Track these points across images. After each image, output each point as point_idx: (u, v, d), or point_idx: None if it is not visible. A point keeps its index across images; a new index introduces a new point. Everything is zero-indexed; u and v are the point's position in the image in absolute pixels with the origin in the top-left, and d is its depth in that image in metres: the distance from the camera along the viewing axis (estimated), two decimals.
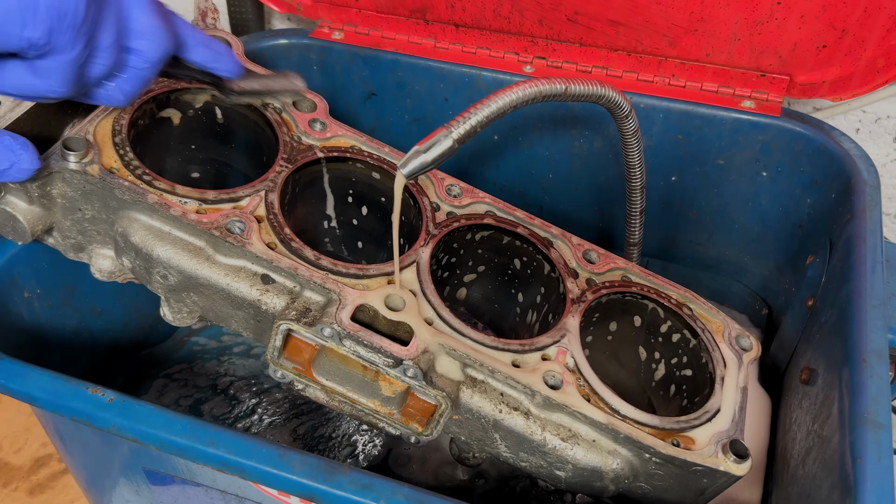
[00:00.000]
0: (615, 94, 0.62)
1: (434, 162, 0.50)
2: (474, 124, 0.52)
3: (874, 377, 0.58)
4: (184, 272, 0.62)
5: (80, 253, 0.69)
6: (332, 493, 0.51)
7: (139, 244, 0.63)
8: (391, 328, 0.60)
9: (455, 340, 0.60)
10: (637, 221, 0.76)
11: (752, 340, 0.69)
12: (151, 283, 0.65)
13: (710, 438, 0.61)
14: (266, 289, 0.62)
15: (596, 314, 0.72)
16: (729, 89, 0.87)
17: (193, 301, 0.65)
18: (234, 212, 0.63)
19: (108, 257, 0.68)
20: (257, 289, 0.61)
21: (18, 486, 1.13)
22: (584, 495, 0.74)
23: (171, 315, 0.67)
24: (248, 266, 0.62)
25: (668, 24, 0.83)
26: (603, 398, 0.61)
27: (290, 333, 0.60)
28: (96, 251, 0.68)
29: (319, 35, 0.98)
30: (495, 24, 0.91)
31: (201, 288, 0.63)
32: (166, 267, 0.62)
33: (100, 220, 0.65)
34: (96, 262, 0.68)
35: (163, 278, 0.64)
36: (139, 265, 0.64)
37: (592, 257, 0.73)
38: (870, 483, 0.51)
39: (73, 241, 0.67)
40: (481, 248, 0.77)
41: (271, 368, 0.61)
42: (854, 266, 0.68)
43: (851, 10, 0.76)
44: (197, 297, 0.64)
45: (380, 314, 0.59)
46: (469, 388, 0.60)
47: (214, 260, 0.62)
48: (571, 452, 0.60)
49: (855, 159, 0.80)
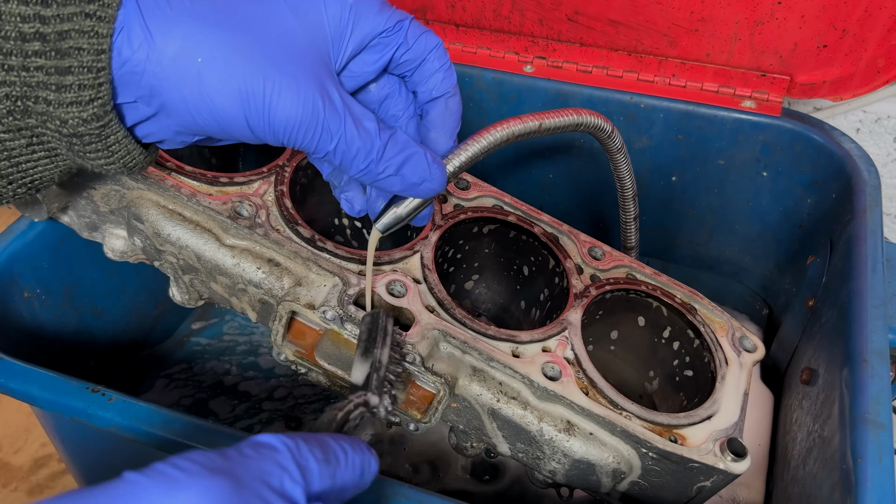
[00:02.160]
0: (594, 119, 0.61)
1: (408, 216, 0.51)
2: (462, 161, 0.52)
3: (875, 377, 0.58)
4: (192, 252, 0.63)
5: (94, 232, 0.70)
6: None
7: (149, 223, 0.63)
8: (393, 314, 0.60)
9: (455, 328, 0.61)
10: (632, 227, 0.77)
11: (756, 342, 0.69)
12: (161, 262, 0.67)
13: (709, 436, 0.61)
14: (271, 271, 0.62)
15: (599, 310, 0.72)
16: (729, 89, 0.87)
17: (201, 281, 0.66)
18: (244, 195, 0.65)
19: (120, 237, 0.68)
20: (263, 271, 0.62)
21: (18, 487, 1.13)
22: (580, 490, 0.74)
23: (180, 296, 0.68)
24: (255, 248, 0.63)
25: (668, 23, 0.83)
26: (602, 391, 0.61)
27: (293, 317, 0.60)
28: (109, 231, 0.69)
29: None
30: (495, 24, 0.91)
31: (209, 268, 0.64)
32: (175, 246, 0.63)
33: (112, 197, 0.66)
34: (109, 242, 0.69)
35: (172, 258, 0.65)
36: (149, 245, 0.65)
37: (598, 254, 0.73)
38: (870, 483, 0.51)
39: (87, 220, 0.69)
40: (487, 242, 0.77)
41: (274, 351, 0.62)
42: (855, 266, 0.68)
43: (852, 9, 0.76)
44: (205, 276, 0.65)
45: (382, 300, 0.60)
46: (468, 377, 0.60)
47: (222, 241, 0.63)
48: (568, 444, 0.60)
49: (855, 159, 0.80)
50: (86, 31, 0.39)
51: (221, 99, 0.42)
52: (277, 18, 0.44)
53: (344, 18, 0.46)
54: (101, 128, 0.42)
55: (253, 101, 0.42)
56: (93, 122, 0.42)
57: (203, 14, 0.42)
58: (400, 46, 0.48)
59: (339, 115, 0.44)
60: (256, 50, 0.42)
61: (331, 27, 0.45)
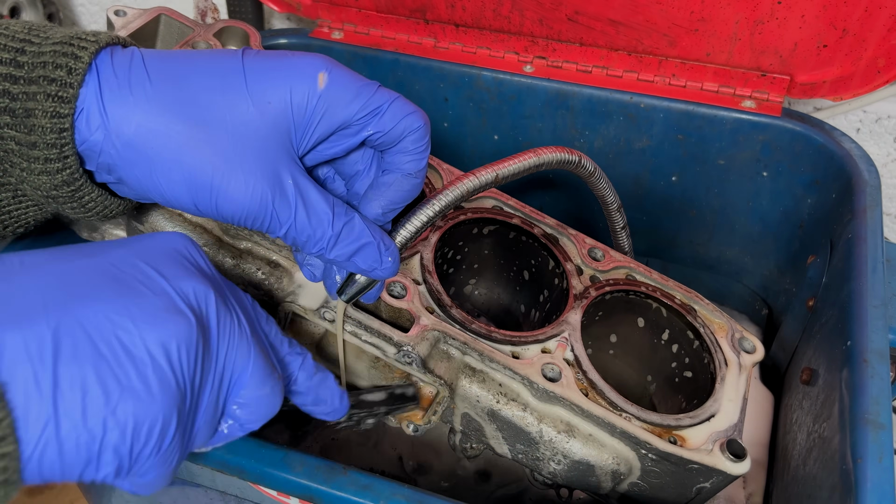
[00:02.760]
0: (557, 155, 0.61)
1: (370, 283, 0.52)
2: (407, 236, 0.53)
3: (875, 377, 0.58)
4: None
5: (94, 233, 0.70)
6: (332, 493, 0.51)
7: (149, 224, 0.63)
8: (393, 314, 0.60)
9: (455, 329, 0.61)
10: (622, 234, 0.77)
11: (756, 343, 0.69)
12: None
13: (708, 437, 0.60)
14: (271, 272, 0.62)
15: (599, 311, 0.72)
16: (729, 89, 0.87)
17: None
18: None
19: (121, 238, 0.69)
20: (263, 272, 0.62)
21: None
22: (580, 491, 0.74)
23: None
24: (255, 249, 0.63)
25: (668, 23, 0.83)
26: (601, 392, 0.61)
27: (293, 317, 0.60)
28: (110, 231, 0.69)
29: (319, 35, 0.98)
30: (495, 24, 0.91)
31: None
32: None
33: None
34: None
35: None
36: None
37: (598, 255, 0.73)
38: (870, 483, 0.51)
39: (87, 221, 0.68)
40: (487, 243, 0.77)
41: None
42: (855, 266, 0.68)
43: (852, 9, 0.76)
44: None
45: (382, 300, 0.60)
46: (467, 378, 0.60)
47: (223, 242, 0.63)
48: (568, 446, 0.60)
49: (856, 159, 0.80)
50: (48, 111, 0.41)
51: (170, 185, 0.43)
52: (237, 108, 0.44)
53: (311, 107, 0.45)
54: (73, 192, 0.45)
55: (200, 192, 0.43)
56: (64, 188, 0.44)
57: (161, 101, 0.43)
58: (375, 132, 0.47)
59: (290, 204, 0.45)
60: (209, 141, 0.43)
61: (296, 116, 0.45)
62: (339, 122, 0.46)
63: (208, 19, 1.18)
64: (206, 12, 1.18)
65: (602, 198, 0.72)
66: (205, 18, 1.18)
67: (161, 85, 0.43)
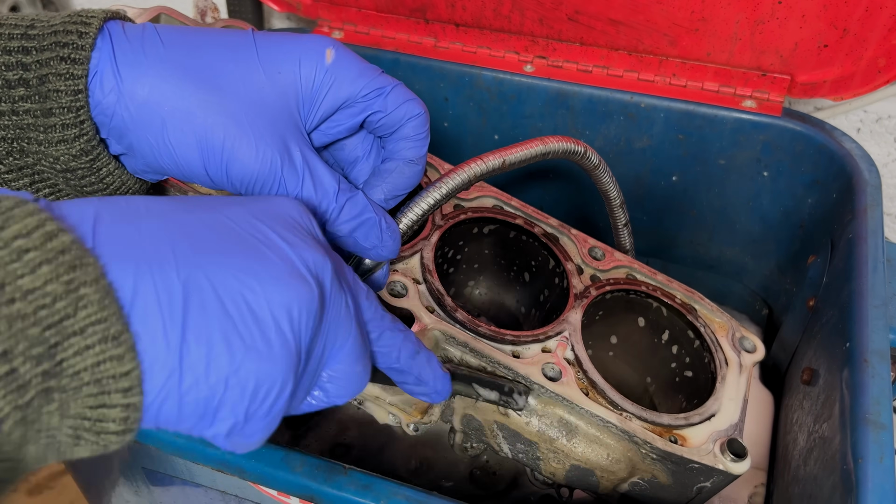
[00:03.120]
0: (563, 145, 0.60)
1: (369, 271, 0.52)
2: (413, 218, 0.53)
3: (875, 377, 0.58)
4: None
5: None
6: (332, 493, 0.51)
7: None
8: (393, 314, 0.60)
9: (455, 329, 0.61)
10: (624, 232, 0.77)
11: (756, 342, 0.69)
12: None
13: (709, 437, 0.60)
14: None
15: (600, 311, 0.72)
16: (730, 89, 0.87)
17: None
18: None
19: None
20: None
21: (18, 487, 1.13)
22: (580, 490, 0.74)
23: None
24: None
25: (669, 23, 0.83)
26: (602, 392, 0.61)
27: None
28: None
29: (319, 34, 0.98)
30: (496, 24, 0.91)
31: None
32: None
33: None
34: None
35: None
36: None
37: (598, 254, 0.73)
38: (871, 484, 0.51)
39: None
40: (487, 242, 0.77)
41: None
42: (855, 266, 0.68)
43: (853, 9, 0.76)
44: None
45: (382, 300, 0.60)
46: None
47: None
48: (568, 445, 0.60)
49: (856, 159, 0.80)
50: (62, 74, 0.42)
51: (182, 148, 0.44)
52: (248, 76, 0.45)
53: (318, 80, 0.46)
54: (90, 161, 0.44)
55: (211, 154, 0.44)
56: (82, 157, 0.44)
57: (175, 63, 0.43)
58: (377, 112, 0.48)
59: (298, 172, 0.45)
60: (221, 105, 0.44)
61: (304, 88, 0.46)
62: (344, 97, 0.47)
63: (208, 18, 1.18)
64: (206, 11, 1.18)
65: (605, 192, 0.72)
66: (205, 18, 1.18)
67: (175, 50, 0.44)
